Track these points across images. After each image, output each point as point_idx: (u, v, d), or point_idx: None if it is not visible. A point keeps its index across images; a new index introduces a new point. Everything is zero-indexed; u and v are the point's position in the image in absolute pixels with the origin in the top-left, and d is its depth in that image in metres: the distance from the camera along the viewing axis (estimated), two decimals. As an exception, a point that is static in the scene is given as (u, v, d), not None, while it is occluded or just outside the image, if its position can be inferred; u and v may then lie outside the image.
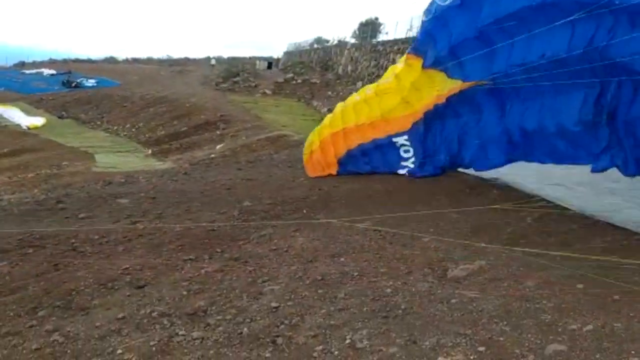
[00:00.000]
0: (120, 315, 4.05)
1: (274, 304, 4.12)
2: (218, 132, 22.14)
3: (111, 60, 56.95)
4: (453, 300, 3.99)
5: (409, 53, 8.75)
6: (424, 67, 8.27)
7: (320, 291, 4.36)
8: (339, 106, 10.12)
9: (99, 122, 28.30)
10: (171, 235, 6.22)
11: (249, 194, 8.24)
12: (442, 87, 8.23)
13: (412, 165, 8.97)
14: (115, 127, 27.05)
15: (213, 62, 51.37)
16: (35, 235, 6.33)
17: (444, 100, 8.30)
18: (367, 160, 9.42)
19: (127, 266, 5.16)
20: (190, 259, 5.35)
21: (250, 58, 49.64)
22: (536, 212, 6.55)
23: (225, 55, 53.65)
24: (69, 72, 42.77)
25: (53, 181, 14.73)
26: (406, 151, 9.03)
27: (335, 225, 6.37)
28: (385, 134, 9.04)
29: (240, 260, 5.26)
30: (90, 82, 38.80)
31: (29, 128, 25.64)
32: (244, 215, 7.01)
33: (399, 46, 27.24)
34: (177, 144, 22.02)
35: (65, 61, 53.38)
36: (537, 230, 5.89)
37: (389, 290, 4.28)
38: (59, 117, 29.17)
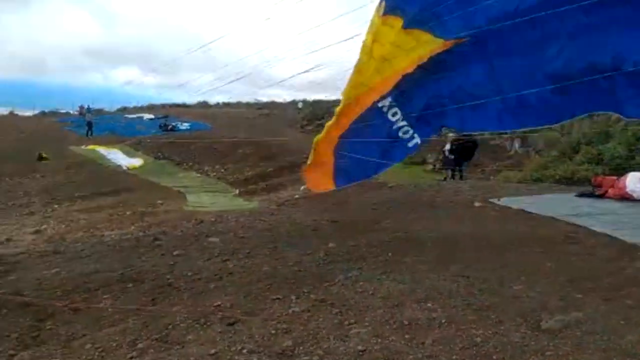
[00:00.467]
0: (212, 351, 4.21)
1: (360, 347, 4.12)
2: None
3: (204, 105, 60.12)
4: (548, 353, 3.83)
5: (383, 15, 7.88)
6: (404, 27, 7.55)
7: (407, 336, 4.32)
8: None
9: (190, 163, 29.87)
10: (260, 274, 6.41)
11: (334, 235, 8.34)
12: (426, 46, 7.49)
13: (403, 124, 8.06)
14: (206, 168, 28.47)
15: (300, 105, 53.02)
16: (135, 270, 6.75)
17: (426, 59, 7.53)
18: (360, 145, 8.41)
19: (219, 303, 5.36)
20: (278, 299, 5.47)
21: (334, 101, 50.79)
22: (638, 262, 6.16)
23: (310, 98, 55.22)
24: (165, 117, 45.61)
25: (148, 219, 15.63)
26: (394, 114, 8.09)
27: (422, 269, 6.31)
28: (370, 103, 8.13)
29: (326, 301, 5.32)
30: (185, 126, 41.17)
31: (128, 168, 27.52)
32: (329, 256, 7.10)
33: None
34: (264, 184, 22.78)
35: (163, 106, 57.13)
36: (638, 281, 5.52)
37: (478, 339, 4.17)
38: (155, 158, 31.09)
